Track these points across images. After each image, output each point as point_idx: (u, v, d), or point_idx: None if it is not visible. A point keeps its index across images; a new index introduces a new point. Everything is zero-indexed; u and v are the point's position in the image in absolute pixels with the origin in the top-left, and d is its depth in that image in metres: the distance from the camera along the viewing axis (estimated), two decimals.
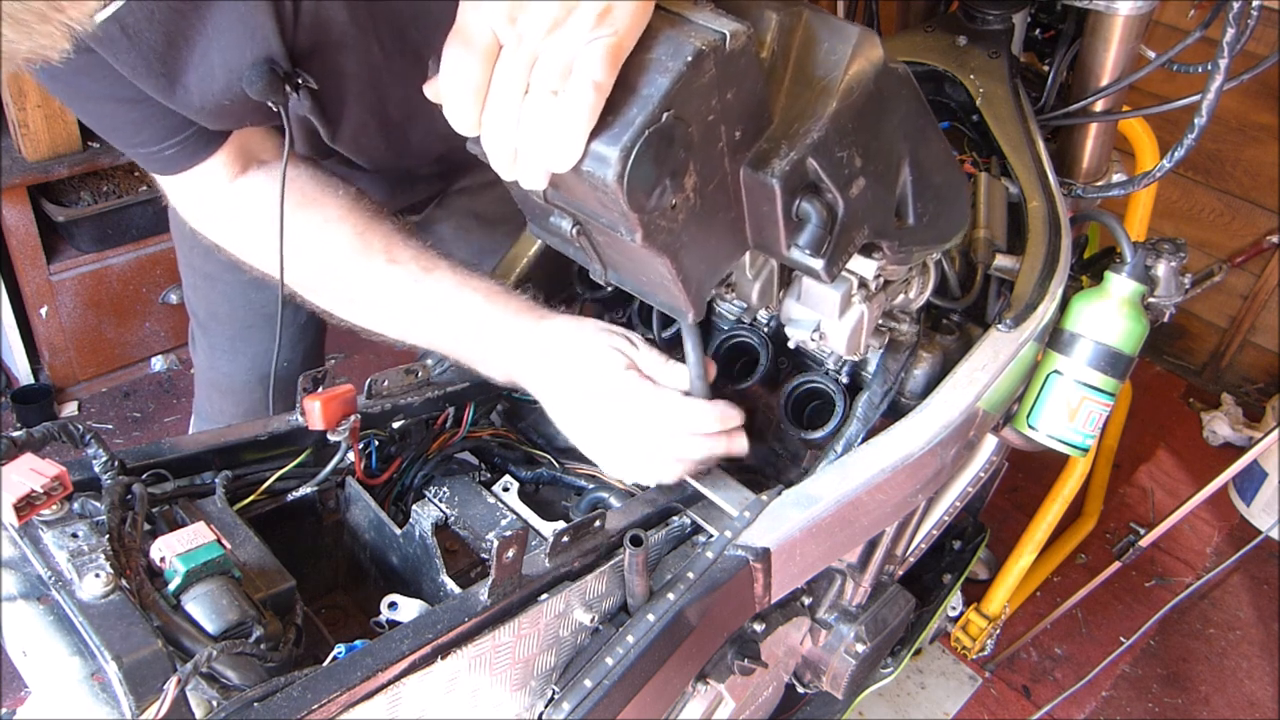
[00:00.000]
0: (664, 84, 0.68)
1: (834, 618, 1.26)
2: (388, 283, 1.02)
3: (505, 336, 1.00)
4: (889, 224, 0.90)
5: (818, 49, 0.81)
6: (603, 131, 0.68)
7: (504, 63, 0.69)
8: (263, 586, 0.80)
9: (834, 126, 0.79)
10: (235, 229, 1.06)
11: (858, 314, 0.99)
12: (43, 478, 0.73)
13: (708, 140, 0.74)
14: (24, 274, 2.30)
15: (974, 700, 2.06)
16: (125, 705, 0.63)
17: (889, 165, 0.88)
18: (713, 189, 0.78)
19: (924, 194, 0.92)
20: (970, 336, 1.11)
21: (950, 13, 1.36)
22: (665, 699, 0.94)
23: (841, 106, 0.79)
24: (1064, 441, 1.17)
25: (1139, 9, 1.19)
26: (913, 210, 0.92)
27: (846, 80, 0.80)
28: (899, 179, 0.90)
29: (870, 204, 0.85)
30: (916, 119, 0.90)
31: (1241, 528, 2.55)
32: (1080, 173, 1.38)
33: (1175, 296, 1.24)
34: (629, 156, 0.68)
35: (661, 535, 0.96)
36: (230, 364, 1.40)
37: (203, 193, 1.03)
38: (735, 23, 0.71)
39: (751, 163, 0.78)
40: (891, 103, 0.85)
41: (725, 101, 0.73)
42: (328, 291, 1.05)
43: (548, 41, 0.67)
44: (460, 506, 1.01)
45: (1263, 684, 2.18)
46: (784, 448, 1.17)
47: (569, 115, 0.67)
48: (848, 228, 0.83)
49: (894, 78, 0.85)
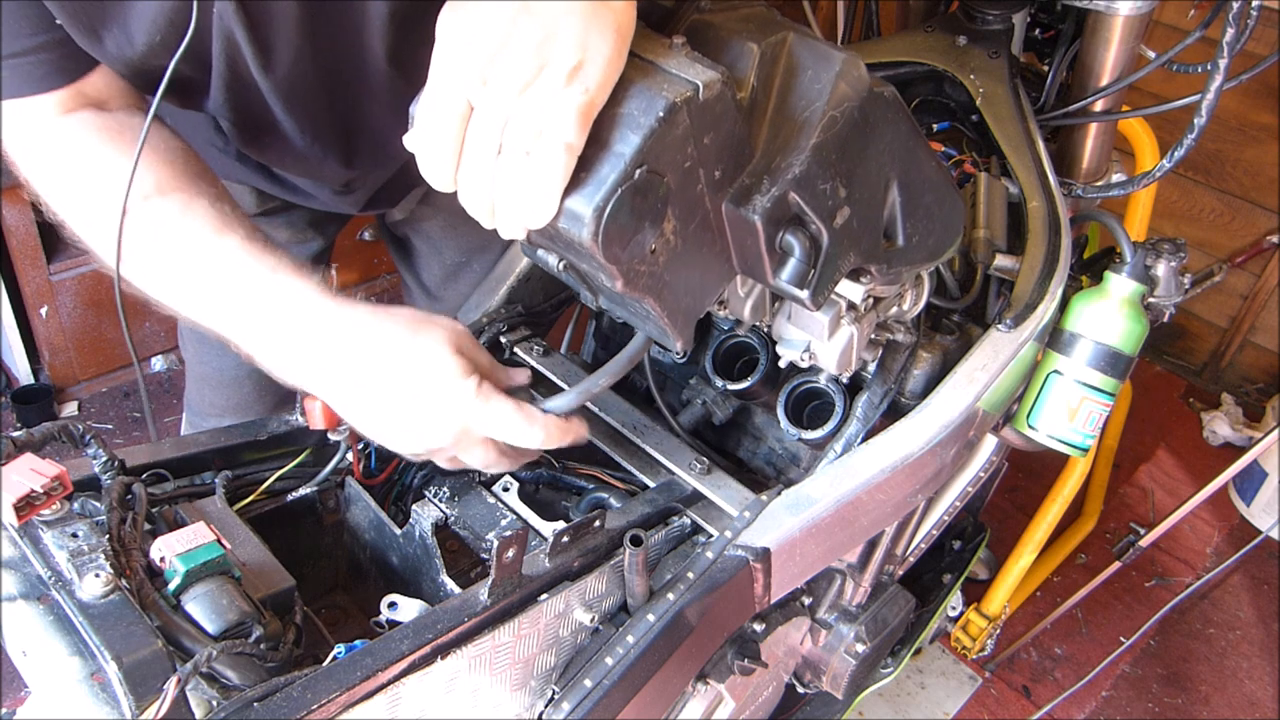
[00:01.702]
0: (636, 141, 0.68)
1: (834, 618, 1.26)
2: (178, 231, 0.89)
3: (306, 315, 0.87)
4: (877, 248, 0.89)
5: (801, 79, 0.79)
6: (576, 189, 0.69)
7: (476, 123, 0.70)
8: (263, 586, 0.80)
9: (817, 159, 0.78)
10: (52, 167, 0.93)
11: (847, 335, 0.99)
12: (43, 478, 0.73)
13: (686, 185, 0.74)
14: (24, 274, 2.30)
15: (974, 700, 2.06)
16: (125, 705, 0.63)
17: (875, 190, 0.87)
18: (694, 227, 0.78)
19: (914, 214, 0.91)
20: (970, 336, 1.11)
21: (950, 13, 1.36)
22: (665, 699, 0.94)
23: (824, 138, 0.78)
24: (1064, 441, 1.17)
25: (1139, 9, 1.19)
26: (902, 231, 0.91)
27: (830, 111, 0.78)
28: (887, 201, 0.89)
29: (856, 231, 0.85)
30: (905, 140, 0.88)
31: (1241, 528, 2.55)
32: (1080, 173, 1.38)
33: (1175, 296, 1.24)
34: (602, 215, 0.69)
35: (661, 535, 0.96)
36: (219, 358, 1.40)
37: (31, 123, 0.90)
38: (709, 70, 0.71)
39: (733, 198, 0.78)
40: (878, 128, 0.84)
41: (702, 147, 0.73)
42: (107, 230, 0.89)
43: (519, 101, 0.68)
44: (460, 506, 1.01)
45: (1263, 684, 2.18)
46: (784, 448, 1.17)
47: (542, 176, 0.68)
48: (833, 257, 0.83)
49: (880, 103, 0.83)
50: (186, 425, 1.55)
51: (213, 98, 0.94)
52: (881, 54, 1.33)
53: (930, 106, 1.35)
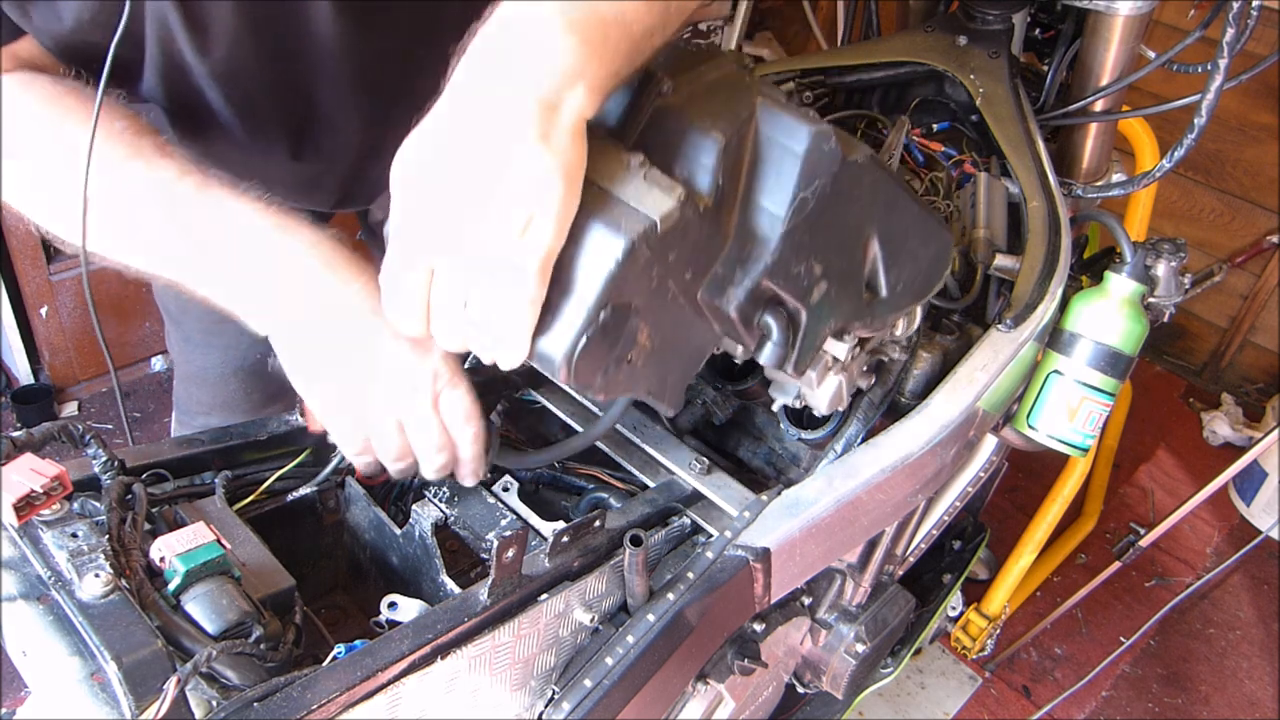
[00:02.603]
0: (598, 285, 0.69)
1: (834, 618, 1.26)
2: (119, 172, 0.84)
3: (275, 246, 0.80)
4: (859, 308, 0.89)
5: (768, 162, 0.76)
6: (544, 333, 0.71)
7: (439, 286, 0.71)
8: (262, 586, 0.80)
9: (789, 245, 0.77)
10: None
11: (835, 383, 0.99)
12: (43, 478, 0.73)
13: (656, 298, 0.74)
14: (24, 274, 2.30)
15: (974, 700, 2.06)
16: (125, 705, 0.63)
17: (854, 254, 0.86)
18: (671, 323, 0.78)
19: (897, 263, 0.90)
20: (970, 336, 1.11)
21: (950, 13, 1.36)
22: (665, 699, 0.94)
23: (795, 224, 0.76)
24: (1064, 441, 1.17)
25: (1139, 9, 1.19)
26: (885, 283, 0.90)
27: (800, 193, 0.76)
28: (867, 259, 0.87)
29: (836, 300, 0.84)
30: (883, 196, 0.85)
31: (1241, 528, 2.55)
32: (1080, 173, 1.38)
33: (1175, 296, 1.24)
34: (572, 359, 0.70)
35: (661, 535, 0.96)
36: (204, 357, 1.40)
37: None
38: (666, 197, 0.70)
39: (707, 289, 0.78)
40: (854, 195, 0.81)
41: (668, 264, 0.73)
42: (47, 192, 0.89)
43: (477, 262, 0.69)
44: (460, 506, 1.01)
45: (1263, 684, 2.18)
46: (784, 448, 1.17)
47: (507, 328, 0.70)
48: (812, 330, 0.83)
49: (854, 171, 0.79)
50: (176, 424, 1.55)
51: (146, 81, 0.90)
52: (881, 54, 1.33)
53: (930, 106, 1.35)
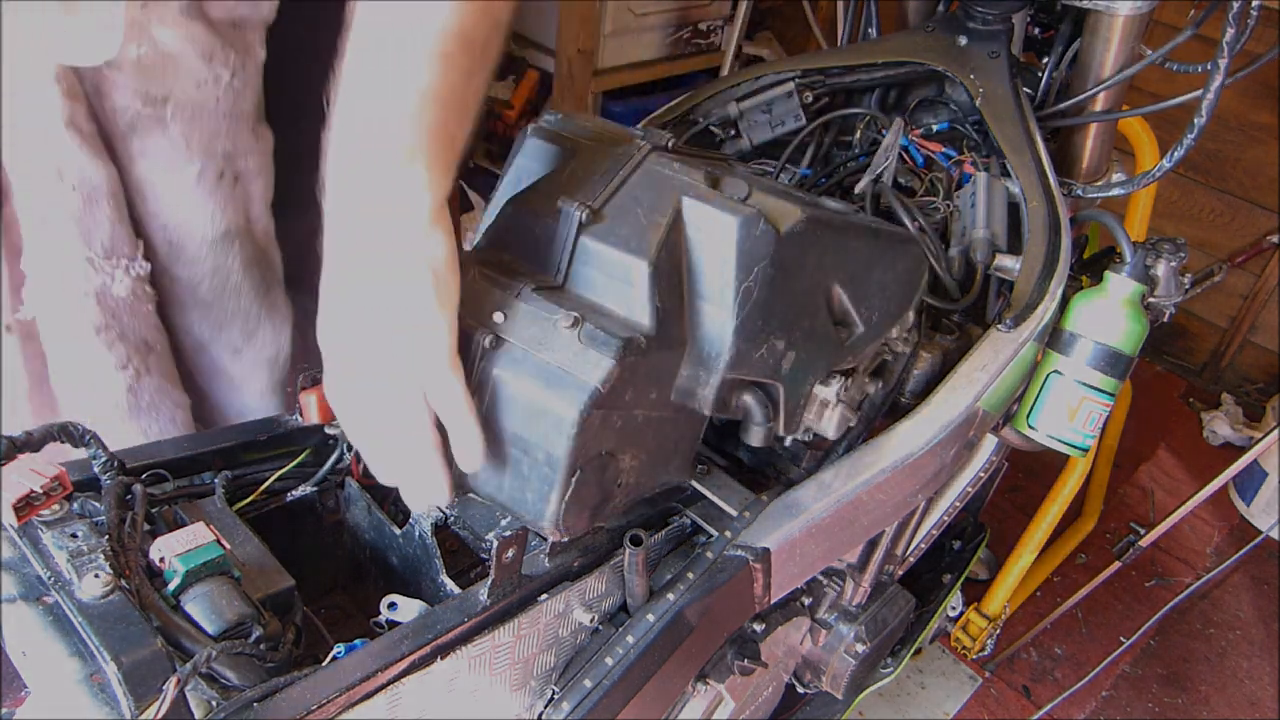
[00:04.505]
0: (563, 457, 0.72)
1: (834, 618, 1.26)
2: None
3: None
4: (837, 353, 0.89)
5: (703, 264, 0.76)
6: (522, 504, 0.74)
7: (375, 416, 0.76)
8: (262, 586, 0.80)
9: (743, 337, 0.77)
10: None
11: (837, 413, 0.98)
12: (42, 478, 0.73)
13: (626, 427, 0.75)
14: None
15: (974, 700, 2.06)
16: (124, 705, 0.63)
17: (818, 309, 0.85)
18: (652, 435, 0.79)
19: (865, 297, 0.90)
20: (970, 336, 1.11)
21: (950, 13, 1.35)
22: (665, 699, 0.94)
23: (745, 314, 0.76)
24: (1064, 441, 1.17)
25: (1138, 9, 1.19)
26: (858, 318, 0.90)
27: (743, 284, 0.75)
28: (834, 304, 0.87)
29: (809, 360, 0.85)
30: (831, 246, 0.83)
31: (1241, 528, 2.55)
32: (1080, 173, 1.38)
33: (1175, 296, 1.24)
34: (558, 520, 0.74)
35: (661, 535, 0.96)
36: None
37: None
38: (604, 356, 0.71)
39: (678, 394, 0.79)
40: (799, 261, 0.80)
41: (626, 402, 0.74)
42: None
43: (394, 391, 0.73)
44: (460, 506, 1.01)
45: (1263, 684, 2.18)
46: (784, 448, 1.17)
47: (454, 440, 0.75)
48: (792, 396, 0.84)
49: (792, 240, 0.78)
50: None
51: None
52: (881, 54, 1.33)
53: (930, 106, 1.35)
